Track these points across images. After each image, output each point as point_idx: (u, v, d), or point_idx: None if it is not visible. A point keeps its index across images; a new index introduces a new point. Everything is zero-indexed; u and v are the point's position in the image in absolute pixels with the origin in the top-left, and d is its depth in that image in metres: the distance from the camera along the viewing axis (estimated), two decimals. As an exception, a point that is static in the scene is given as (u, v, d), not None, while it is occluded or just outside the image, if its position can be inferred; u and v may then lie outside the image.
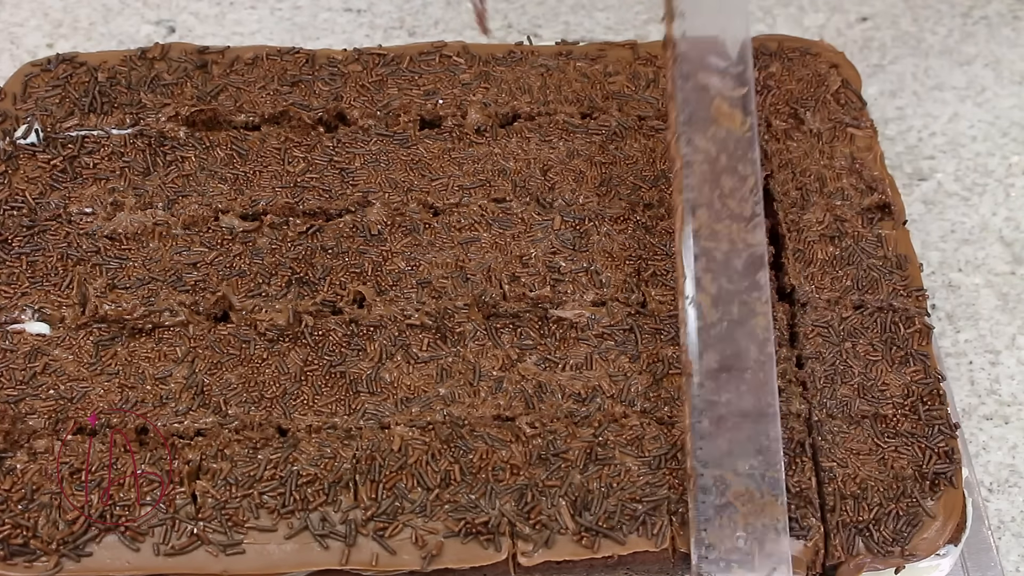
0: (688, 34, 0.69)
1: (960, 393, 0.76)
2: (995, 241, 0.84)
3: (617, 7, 0.96)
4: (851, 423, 0.67)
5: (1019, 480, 0.74)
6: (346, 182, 0.76)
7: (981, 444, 0.75)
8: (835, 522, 0.63)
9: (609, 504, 0.63)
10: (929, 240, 0.84)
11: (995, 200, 0.86)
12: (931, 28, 0.97)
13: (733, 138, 0.70)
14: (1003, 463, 0.74)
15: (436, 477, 0.64)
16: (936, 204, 0.86)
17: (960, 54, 0.95)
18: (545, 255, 0.72)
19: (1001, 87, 0.93)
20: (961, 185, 0.87)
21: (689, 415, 0.65)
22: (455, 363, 0.68)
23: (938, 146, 0.89)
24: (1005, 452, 0.75)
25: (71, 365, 0.68)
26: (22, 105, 0.79)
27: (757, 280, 0.67)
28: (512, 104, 0.79)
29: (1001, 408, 0.77)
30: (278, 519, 0.63)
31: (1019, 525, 0.72)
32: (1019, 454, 0.75)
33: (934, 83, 0.93)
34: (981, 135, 0.90)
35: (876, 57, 0.95)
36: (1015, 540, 0.71)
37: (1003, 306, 0.81)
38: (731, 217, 0.68)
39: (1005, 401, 0.77)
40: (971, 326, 0.80)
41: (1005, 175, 0.87)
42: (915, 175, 0.87)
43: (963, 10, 0.98)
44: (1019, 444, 0.75)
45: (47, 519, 0.63)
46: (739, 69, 0.68)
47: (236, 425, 0.66)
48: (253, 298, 0.71)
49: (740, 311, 0.66)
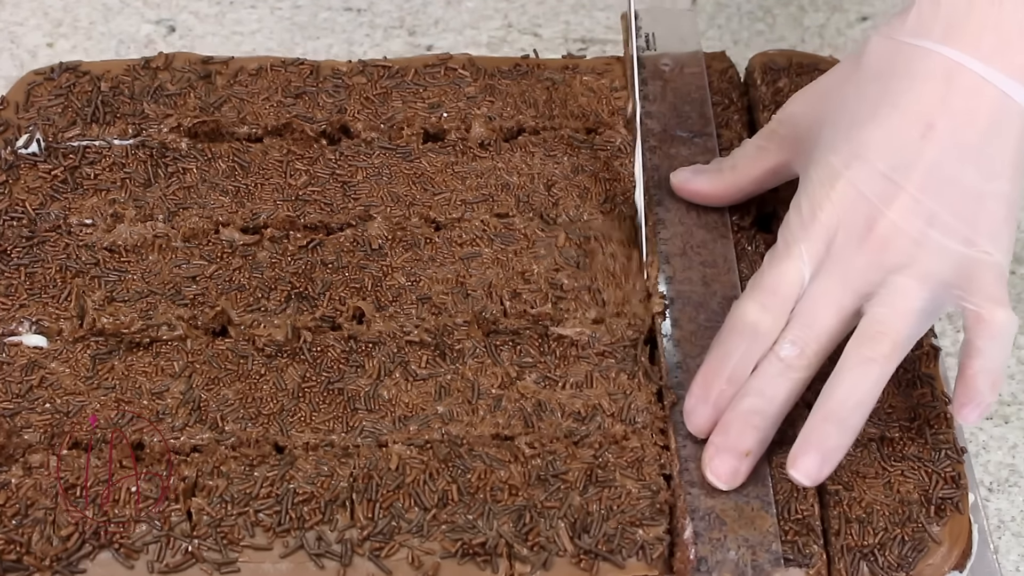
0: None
1: (960, 392, 0.76)
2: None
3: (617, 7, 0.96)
4: (857, 445, 0.66)
5: (1019, 480, 0.73)
6: (348, 196, 0.75)
7: (981, 444, 0.74)
8: (840, 546, 0.63)
9: (609, 527, 0.62)
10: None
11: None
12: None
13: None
14: (1003, 463, 0.74)
15: (433, 497, 0.63)
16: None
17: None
18: (547, 272, 0.72)
19: (1001, 86, 0.92)
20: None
21: (674, 439, 0.66)
22: (454, 380, 0.68)
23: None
24: (1005, 452, 0.74)
25: (68, 379, 0.68)
26: (24, 114, 0.79)
27: None
28: (517, 118, 0.79)
29: (1001, 408, 0.76)
30: (273, 538, 0.62)
31: (1019, 525, 0.71)
32: (1019, 454, 0.74)
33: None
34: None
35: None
36: (1015, 540, 0.71)
37: (1003, 306, 0.80)
38: (703, 264, 0.71)
39: (1005, 401, 0.76)
40: (971, 326, 0.79)
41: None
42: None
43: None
44: (1019, 444, 0.74)
45: (41, 535, 0.62)
46: (704, 138, 0.72)
47: (233, 442, 0.66)
48: (252, 313, 0.70)
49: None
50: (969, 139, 0.63)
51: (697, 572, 0.61)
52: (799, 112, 0.70)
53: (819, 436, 0.62)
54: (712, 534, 0.62)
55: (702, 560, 0.61)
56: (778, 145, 0.71)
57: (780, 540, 0.62)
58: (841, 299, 0.64)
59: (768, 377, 0.63)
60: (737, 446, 0.63)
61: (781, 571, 0.61)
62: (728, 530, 0.62)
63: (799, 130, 0.70)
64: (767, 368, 0.64)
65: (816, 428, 0.62)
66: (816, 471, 0.62)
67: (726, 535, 0.62)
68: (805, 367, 0.64)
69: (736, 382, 0.64)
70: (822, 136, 0.67)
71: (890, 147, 0.64)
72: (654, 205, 0.74)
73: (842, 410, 0.62)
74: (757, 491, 0.64)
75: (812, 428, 0.62)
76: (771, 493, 0.64)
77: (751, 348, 0.64)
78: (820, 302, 0.64)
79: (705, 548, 0.62)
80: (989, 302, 0.63)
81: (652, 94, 0.79)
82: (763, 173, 0.72)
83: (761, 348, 0.64)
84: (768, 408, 0.63)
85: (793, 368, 0.63)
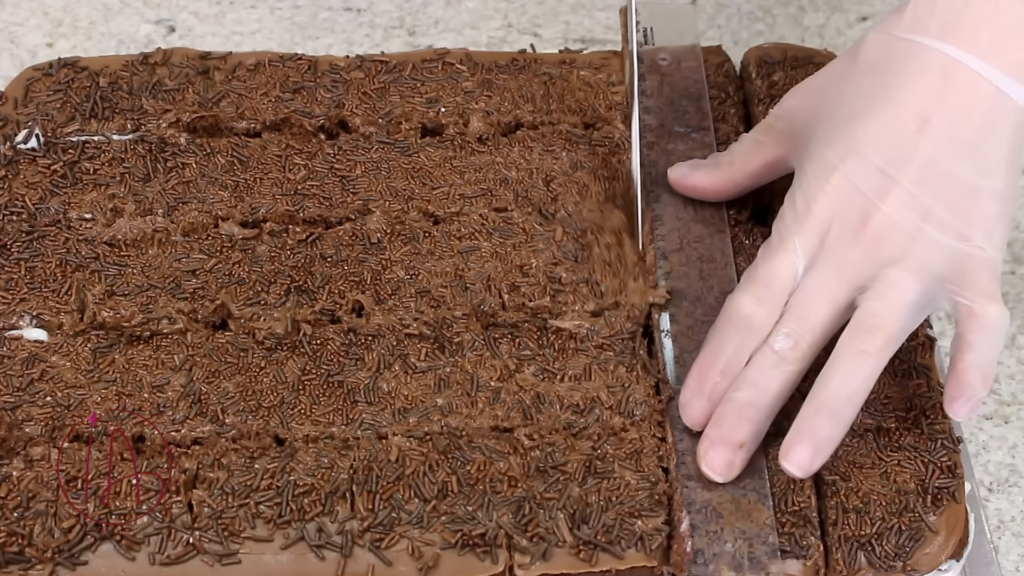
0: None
1: (960, 392, 0.76)
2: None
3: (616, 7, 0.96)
4: (853, 436, 0.66)
5: (1019, 480, 0.73)
6: (347, 190, 0.75)
7: (981, 444, 0.75)
8: (837, 536, 0.63)
9: (608, 518, 0.63)
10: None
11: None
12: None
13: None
14: (1003, 463, 0.74)
15: (433, 488, 0.64)
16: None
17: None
18: (546, 265, 0.72)
19: (1002, 86, 0.92)
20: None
21: (671, 432, 0.66)
22: (453, 373, 0.68)
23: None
24: (1005, 452, 0.74)
25: (69, 372, 0.68)
26: (23, 109, 0.79)
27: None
28: (515, 113, 0.79)
29: (1001, 407, 0.76)
30: (274, 529, 0.63)
31: (1019, 525, 0.72)
32: (1019, 454, 0.74)
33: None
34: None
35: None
36: (1015, 540, 0.71)
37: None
38: (700, 259, 0.71)
39: (1005, 400, 0.77)
40: (971, 325, 0.79)
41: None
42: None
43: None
44: (1019, 444, 0.75)
45: (43, 527, 0.62)
46: (702, 133, 0.72)
47: (233, 434, 0.66)
48: (252, 306, 0.70)
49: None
50: (964, 135, 0.64)
51: (694, 564, 0.62)
52: (795, 107, 0.71)
53: (811, 427, 0.62)
54: (709, 527, 0.63)
55: (699, 553, 0.62)
56: (775, 139, 0.71)
57: (777, 532, 0.63)
58: (835, 292, 0.64)
59: (762, 369, 0.64)
60: (731, 438, 0.63)
61: (778, 563, 0.62)
62: (725, 523, 0.63)
63: (795, 125, 0.70)
64: (761, 360, 0.64)
65: (808, 419, 0.62)
66: (808, 462, 0.62)
67: (723, 527, 0.63)
68: (799, 359, 0.64)
69: (730, 375, 0.64)
70: (818, 130, 0.67)
71: (885, 142, 0.64)
72: (651, 200, 0.75)
73: (835, 402, 0.62)
74: (754, 483, 0.64)
75: (805, 419, 0.62)
76: (767, 485, 0.64)
77: (745, 341, 0.65)
78: (814, 295, 0.64)
79: (702, 541, 0.62)
80: (982, 297, 0.63)
81: (650, 89, 0.80)
82: (760, 167, 0.72)
83: (755, 341, 0.65)
84: (762, 400, 0.63)
85: (787, 360, 0.64)
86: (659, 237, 0.73)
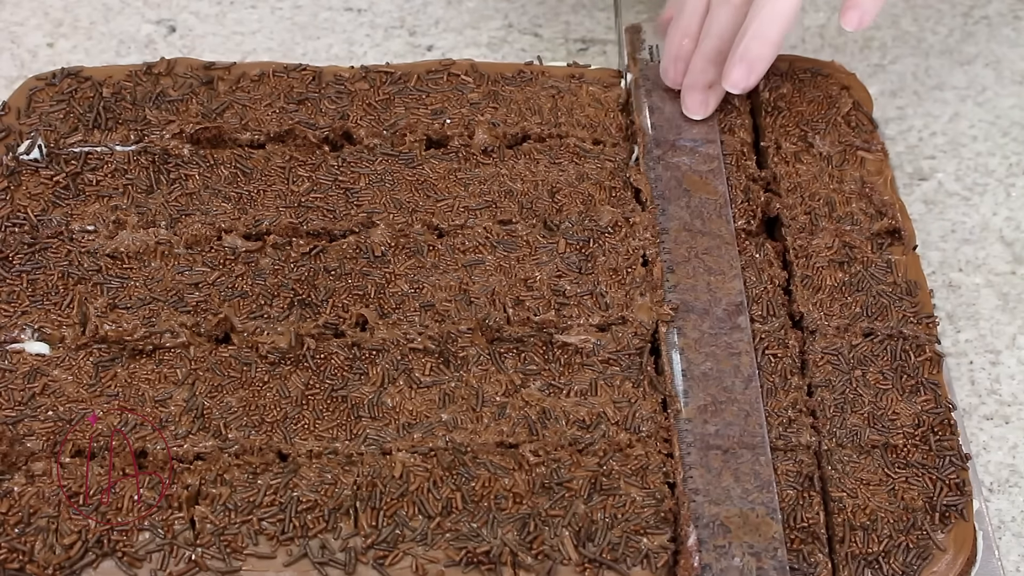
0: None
1: (960, 393, 0.76)
2: (995, 241, 0.84)
3: (618, 7, 0.96)
4: (861, 453, 0.66)
5: (1019, 480, 0.73)
6: (351, 202, 0.75)
7: (981, 444, 0.74)
8: (844, 553, 0.63)
9: (613, 535, 0.62)
10: (929, 240, 0.83)
11: (996, 200, 0.86)
12: (931, 28, 0.96)
13: (708, 203, 0.74)
14: (1003, 463, 0.74)
15: (437, 505, 0.63)
16: (936, 204, 0.86)
17: (961, 54, 0.95)
18: (550, 278, 0.72)
19: (1002, 87, 0.92)
20: (961, 185, 0.87)
21: (678, 447, 0.65)
22: (458, 388, 0.68)
23: (938, 146, 0.89)
24: (1005, 452, 0.74)
25: (70, 386, 0.68)
26: (26, 120, 0.79)
27: (738, 323, 0.69)
28: (521, 125, 0.79)
29: (1001, 408, 0.76)
30: (277, 546, 0.62)
31: (1019, 525, 0.71)
32: (1019, 454, 0.74)
33: (934, 83, 0.92)
34: (982, 135, 0.89)
35: (876, 57, 0.94)
36: (1015, 540, 0.71)
37: (1003, 306, 0.80)
38: (708, 271, 0.72)
39: (1005, 401, 0.76)
40: (971, 326, 0.79)
41: (1006, 175, 0.87)
42: (915, 175, 0.87)
43: (964, 10, 0.97)
44: (1019, 444, 0.74)
45: (44, 543, 0.62)
46: (707, 146, 0.78)
47: (236, 449, 0.66)
48: (255, 320, 0.70)
49: (723, 352, 0.68)
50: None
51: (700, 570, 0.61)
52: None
53: (743, 50, 0.74)
54: (716, 541, 0.62)
55: (706, 567, 0.61)
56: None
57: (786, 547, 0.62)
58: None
59: (717, 20, 0.76)
60: (700, 81, 0.77)
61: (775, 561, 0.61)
62: (732, 537, 0.62)
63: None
64: (716, 12, 0.76)
65: (741, 43, 0.74)
66: (744, 79, 0.75)
67: (730, 542, 0.62)
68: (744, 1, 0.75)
69: (694, 36, 0.78)
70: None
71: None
72: (658, 213, 0.74)
73: (763, 26, 0.74)
74: (762, 497, 0.64)
75: (738, 45, 0.75)
76: (776, 499, 0.63)
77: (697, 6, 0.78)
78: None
79: (709, 555, 0.62)
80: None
81: (656, 104, 0.79)
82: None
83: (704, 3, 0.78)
84: (722, 45, 0.76)
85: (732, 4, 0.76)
86: (666, 250, 0.73)
